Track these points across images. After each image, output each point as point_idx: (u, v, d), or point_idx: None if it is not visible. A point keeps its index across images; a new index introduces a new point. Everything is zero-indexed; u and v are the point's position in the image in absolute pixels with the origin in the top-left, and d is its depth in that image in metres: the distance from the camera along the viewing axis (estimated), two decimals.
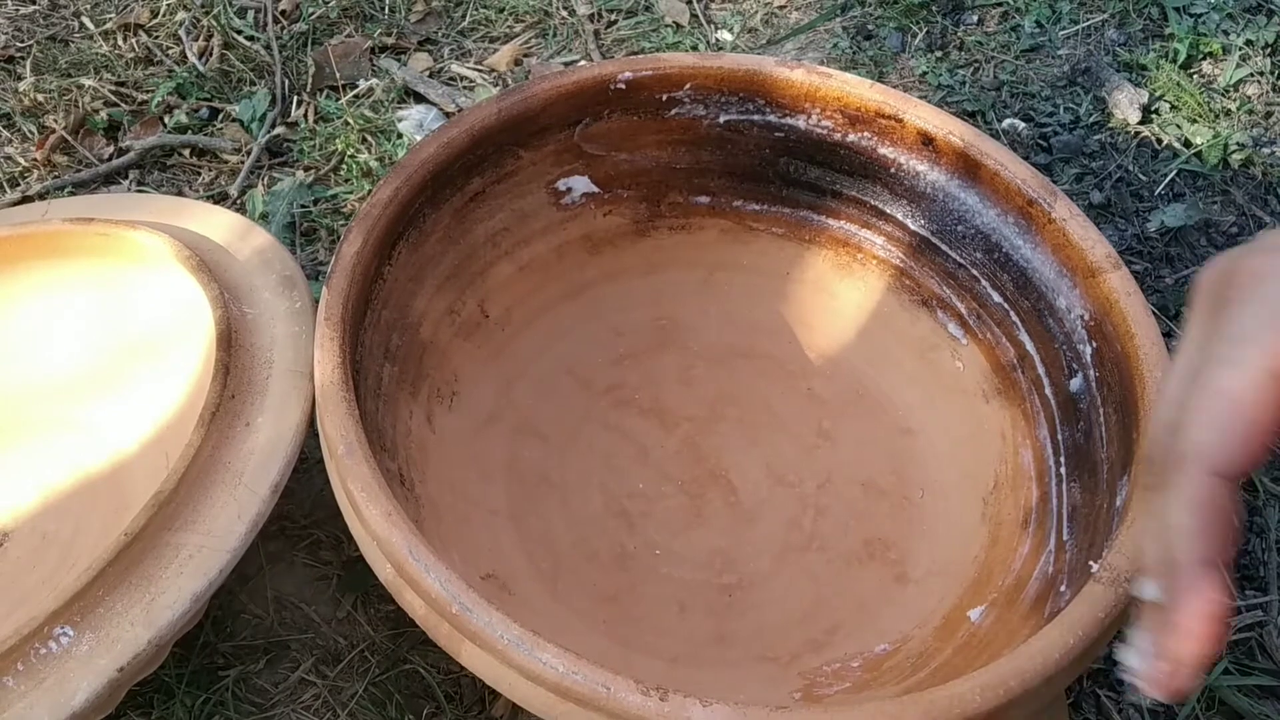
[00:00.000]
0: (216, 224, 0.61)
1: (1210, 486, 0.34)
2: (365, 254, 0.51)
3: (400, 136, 0.78)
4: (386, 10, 0.88)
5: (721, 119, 0.61)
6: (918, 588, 0.55)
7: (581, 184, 0.62)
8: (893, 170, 0.59)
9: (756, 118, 0.60)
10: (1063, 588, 0.47)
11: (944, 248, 0.59)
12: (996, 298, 0.58)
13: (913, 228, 0.60)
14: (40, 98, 0.81)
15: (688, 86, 0.60)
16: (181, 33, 0.85)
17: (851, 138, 0.59)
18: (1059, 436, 0.53)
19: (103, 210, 0.62)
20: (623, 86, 0.59)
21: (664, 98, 0.60)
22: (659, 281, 0.65)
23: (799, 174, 0.62)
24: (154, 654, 0.44)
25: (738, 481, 0.59)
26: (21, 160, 0.78)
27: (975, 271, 0.58)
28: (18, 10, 0.88)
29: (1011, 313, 0.57)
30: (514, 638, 0.39)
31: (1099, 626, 0.40)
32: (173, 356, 0.57)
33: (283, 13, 0.88)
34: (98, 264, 0.60)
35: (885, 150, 0.59)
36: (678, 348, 0.64)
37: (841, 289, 0.64)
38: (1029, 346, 0.56)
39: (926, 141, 0.58)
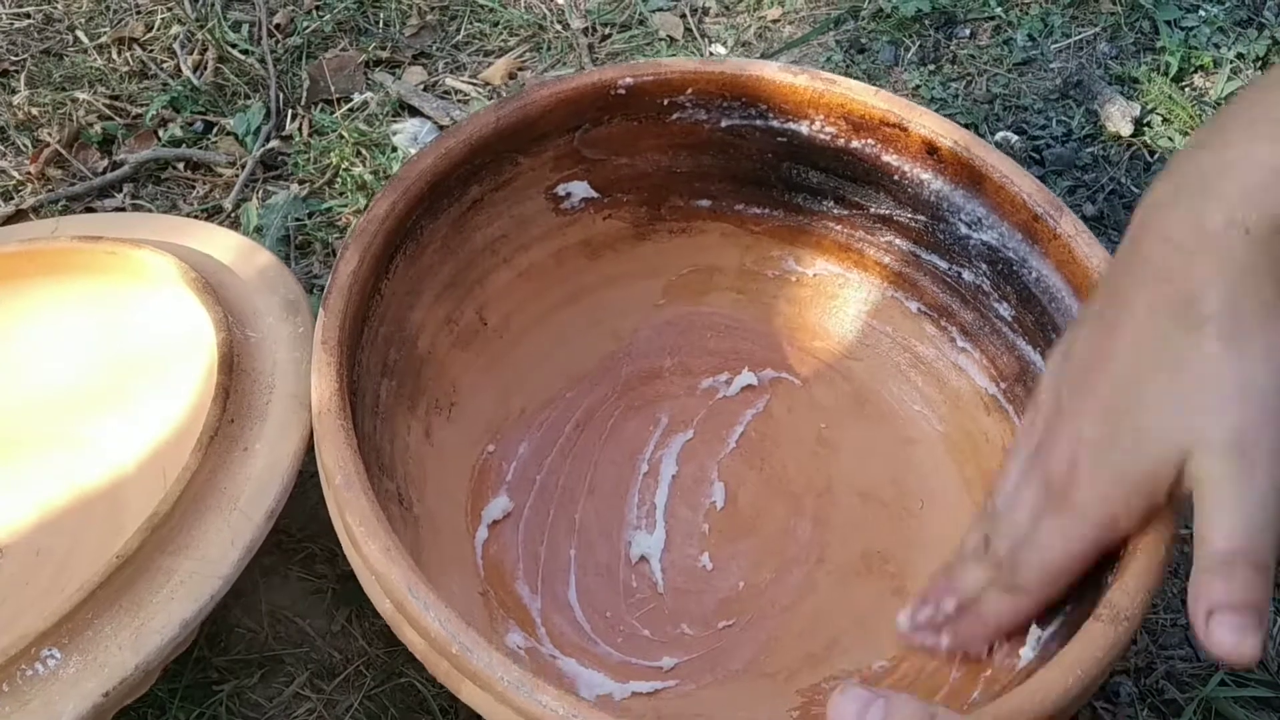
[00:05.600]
0: (222, 245, 0.61)
1: (1026, 613, 0.45)
2: (362, 272, 0.50)
3: (395, 150, 0.78)
4: (381, 24, 0.89)
5: (723, 124, 0.61)
6: None
7: (581, 189, 0.62)
8: (896, 178, 0.59)
9: (759, 123, 0.60)
10: (1061, 614, 0.47)
11: (948, 258, 0.59)
12: (1000, 309, 0.57)
13: (915, 235, 0.60)
14: (34, 111, 0.81)
15: (689, 91, 0.59)
16: (176, 46, 0.85)
17: (855, 144, 0.59)
18: None
19: (110, 229, 0.62)
20: (623, 92, 0.59)
21: (665, 102, 0.60)
22: (659, 285, 0.65)
23: (801, 179, 0.62)
24: (141, 679, 0.43)
25: (737, 490, 0.59)
26: (15, 174, 0.78)
27: (978, 282, 0.58)
28: (12, 24, 0.88)
29: (1015, 325, 0.57)
30: (514, 679, 0.39)
31: (1098, 666, 0.40)
32: (175, 376, 0.57)
33: (277, 26, 0.88)
34: (103, 282, 0.59)
35: (889, 158, 0.59)
36: (678, 353, 0.64)
37: (844, 295, 0.64)
38: (1032, 359, 0.56)
39: (931, 150, 0.58)
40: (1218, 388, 0.39)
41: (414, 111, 0.82)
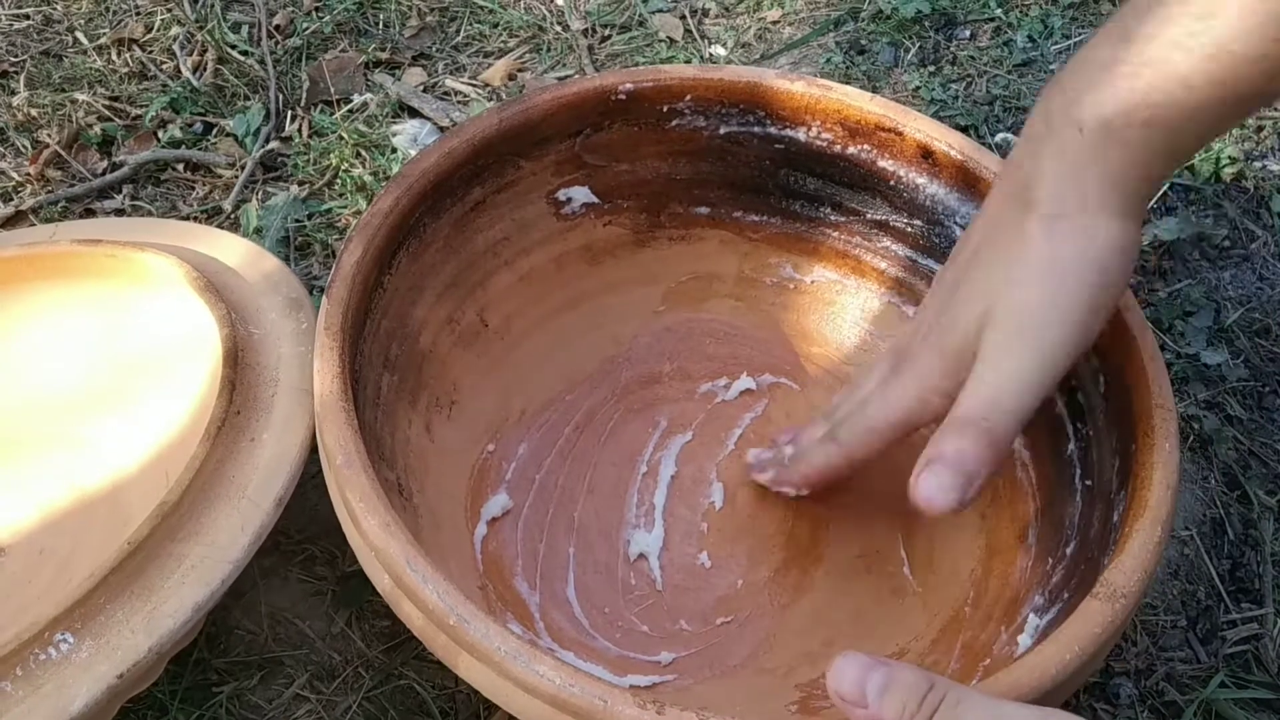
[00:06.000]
0: (225, 248, 0.61)
1: (835, 464, 0.51)
2: (366, 263, 0.51)
3: (395, 151, 0.79)
4: (381, 25, 0.89)
5: (722, 130, 0.61)
6: (914, 600, 0.55)
7: (582, 194, 0.62)
8: (892, 183, 0.60)
9: (757, 129, 0.61)
10: (1060, 603, 0.47)
11: (943, 262, 0.59)
12: None
13: (912, 240, 0.61)
14: (34, 112, 0.81)
15: (688, 98, 0.60)
16: (176, 47, 0.85)
17: (851, 150, 0.60)
18: (1058, 451, 0.53)
19: (112, 234, 0.62)
20: (623, 97, 0.59)
21: (665, 109, 0.60)
22: (659, 292, 0.65)
23: (799, 186, 0.62)
24: (154, 663, 0.44)
25: (736, 491, 0.59)
26: (15, 175, 0.78)
27: None
28: (11, 25, 0.88)
29: None
30: (511, 649, 0.39)
31: (1096, 642, 0.40)
32: (176, 377, 0.57)
33: (277, 27, 0.88)
34: (105, 285, 0.60)
35: (885, 163, 0.59)
36: (677, 359, 0.64)
37: (841, 301, 0.64)
38: None
39: (926, 154, 0.58)
40: (1024, 263, 0.42)
41: (413, 113, 0.82)
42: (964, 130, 0.80)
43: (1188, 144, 0.42)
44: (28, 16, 0.89)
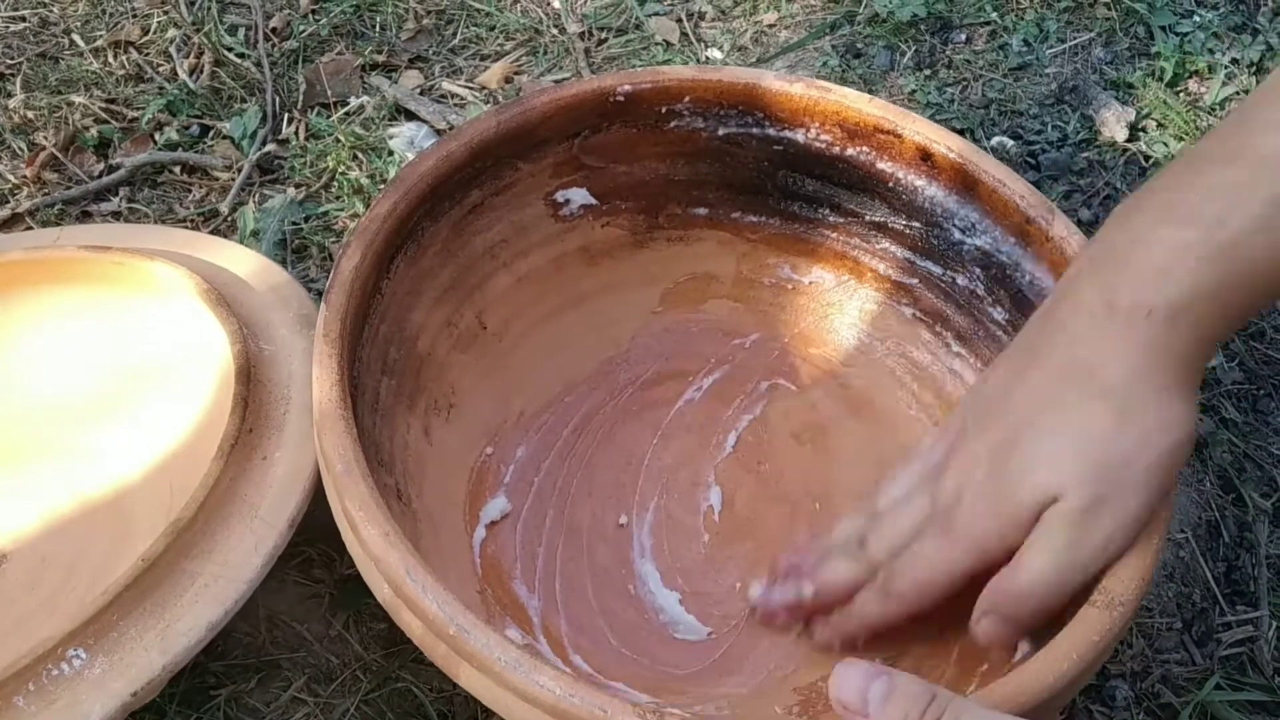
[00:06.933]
0: (234, 260, 0.61)
1: (894, 618, 0.47)
2: (364, 269, 0.51)
3: (391, 154, 0.78)
4: (378, 28, 0.89)
5: (720, 131, 0.61)
6: None
7: (580, 196, 0.62)
8: (891, 185, 0.60)
9: (755, 131, 0.61)
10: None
11: (942, 263, 0.60)
12: (994, 314, 0.58)
13: (911, 242, 0.61)
14: (30, 115, 0.81)
15: (687, 99, 0.60)
16: (172, 50, 0.85)
17: (850, 152, 0.60)
18: None
19: (120, 240, 0.62)
20: (622, 99, 0.59)
21: (663, 110, 0.60)
22: (657, 293, 0.65)
23: (797, 187, 0.62)
24: (166, 680, 0.44)
25: (734, 494, 0.59)
26: (11, 178, 0.77)
27: (973, 287, 0.59)
28: (7, 27, 0.88)
29: (1008, 329, 0.57)
30: (511, 659, 0.39)
31: (1094, 650, 0.40)
32: (181, 387, 0.57)
33: (274, 30, 0.88)
34: (110, 292, 0.60)
35: (883, 165, 0.59)
36: (675, 359, 0.64)
37: (839, 303, 0.64)
38: None
39: (925, 157, 0.58)
40: (1099, 455, 0.42)
41: (410, 115, 0.82)
42: (960, 133, 0.80)
43: (1256, 307, 0.43)
44: (24, 19, 0.89)
